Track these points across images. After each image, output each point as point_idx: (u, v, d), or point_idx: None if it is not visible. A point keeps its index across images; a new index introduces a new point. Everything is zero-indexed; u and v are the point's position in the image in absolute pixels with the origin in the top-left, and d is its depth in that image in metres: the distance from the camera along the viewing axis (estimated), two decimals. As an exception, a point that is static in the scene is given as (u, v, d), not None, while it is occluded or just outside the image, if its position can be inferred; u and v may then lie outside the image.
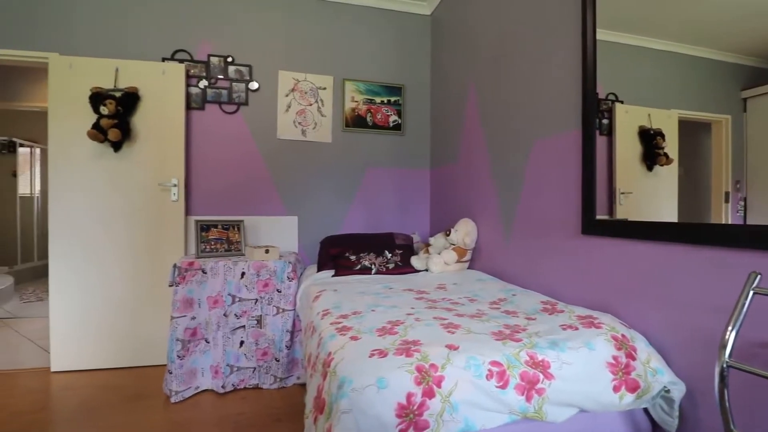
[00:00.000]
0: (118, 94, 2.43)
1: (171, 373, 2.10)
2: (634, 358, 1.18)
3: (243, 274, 2.23)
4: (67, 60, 2.47)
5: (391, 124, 3.04)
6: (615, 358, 1.17)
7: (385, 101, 3.02)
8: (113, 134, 2.35)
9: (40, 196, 5.95)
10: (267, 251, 2.34)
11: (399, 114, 3.05)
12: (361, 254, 2.37)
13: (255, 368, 2.24)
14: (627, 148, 1.48)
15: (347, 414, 0.93)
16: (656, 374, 1.16)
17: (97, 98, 2.40)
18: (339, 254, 2.40)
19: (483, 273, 2.17)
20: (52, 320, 2.46)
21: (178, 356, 2.11)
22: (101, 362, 2.49)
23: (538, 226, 1.84)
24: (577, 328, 1.26)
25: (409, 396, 0.97)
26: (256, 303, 2.24)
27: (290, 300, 2.28)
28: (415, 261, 2.38)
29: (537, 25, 1.86)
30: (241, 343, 2.22)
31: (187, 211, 2.67)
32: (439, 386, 0.99)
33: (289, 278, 2.28)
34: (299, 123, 2.88)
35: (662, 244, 1.27)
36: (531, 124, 1.90)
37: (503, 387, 1.04)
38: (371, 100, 2.99)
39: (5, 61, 2.59)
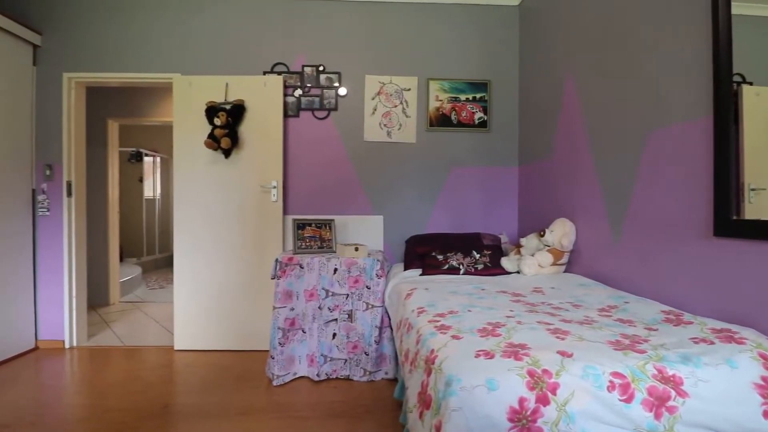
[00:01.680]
0: (228, 107, 2.73)
1: (273, 358, 2.29)
2: (790, 382, 1.00)
3: (335, 270, 2.36)
4: (187, 79, 2.83)
5: (477, 122, 2.97)
6: (765, 379, 1.01)
7: (470, 98, 2.96)
8: (225, 142, 2.65)
9: (160, 198, 6.91)
10: (356, 249, 2.44)
11: (485, 111, 2.97)
12: (448, 254, 2.35)
13: (346, 360, 2.34)
14: (759, 136, 1.28)
15: (457, 412, 0.93)
16: (822, 403, 0.98)
17: (211, 111, 2.72)
18: (426, 253, 2.41)
19: (584, 277, 2.02)
20: (175, 305, 2.84)
21: (279, 343, 2.29)
22: (214, 344, 2.82)
23: (655, 227, 1.65)
24: (712, 343, 1.11)
25: (521, 401, 0.93)
26: (347, 298, 2.35)
27: (379, 297, 2.35)
28: (505, 262, 2.30)
29: (651, 1, 1.68)
30: (334, 335, 2.35)
31: (285, 211, 2.90)
32: (554, 393, 0.95)
33: (377, 275, 2.35)
34: (384, 125, 2.95)
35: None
36: (644, 114, 1.71)
37: (628, 401, 0.95)
38: (456, 98, 2.95)
39: (138, 83, 3.05)
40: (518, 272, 2.27)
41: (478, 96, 2.96)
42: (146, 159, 6.60)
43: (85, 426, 1.87)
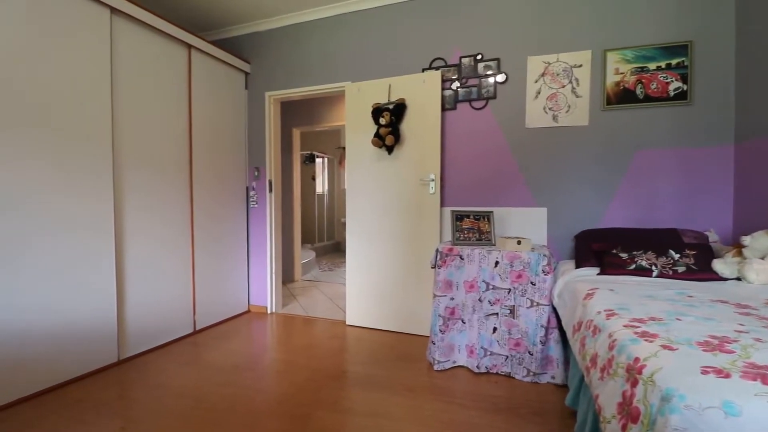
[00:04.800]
0: (391, 107, 2.93)
1: (434, 344, 2.38)
2: None
3: (497, 263, 2.29)
4: (356, 85, 3.15)
5: (672, 93, 2.45)
6: None
7: (663, 66, 2.45)
8: (389, 140, 2.86)
9: (327, 193, 7.95)
10: (519, 242, 2.32)
11: (683, 79, 2.43)
12: (635, 252, 2.02)
13: (507, 356, 2.27)
14: None
15: (682, 434, 0.79)
16: None
17: (376, 112, 2.96)
18: (604, 250, 2.13)
19: None
20: (348, 285, 3.23)
21: (440, 330, 2.37)
22: (379, 323, 3.10)
23: None
24: None
25: (779, 437, 0.73)
26: (509, 293, 2.27)
27: (545, 294, 2.19)
28: (719, 265, 1.84)
29: None
30: (494, 329, 2.30)
31: (442, 203, 2.97)
32: (834, 437, 0.71)
33: (544, 272, 2.20)
34: (550, 108, 2.71)
35: None
36: None
37: None
38: (643, 67, 2.49)
39: (319, 94, 3.51)
40: (738, 279, 1.79)
41: (673, 62, 2.44)
42: (317, 160, 7.67)
43: (286, 377, 2.30)
